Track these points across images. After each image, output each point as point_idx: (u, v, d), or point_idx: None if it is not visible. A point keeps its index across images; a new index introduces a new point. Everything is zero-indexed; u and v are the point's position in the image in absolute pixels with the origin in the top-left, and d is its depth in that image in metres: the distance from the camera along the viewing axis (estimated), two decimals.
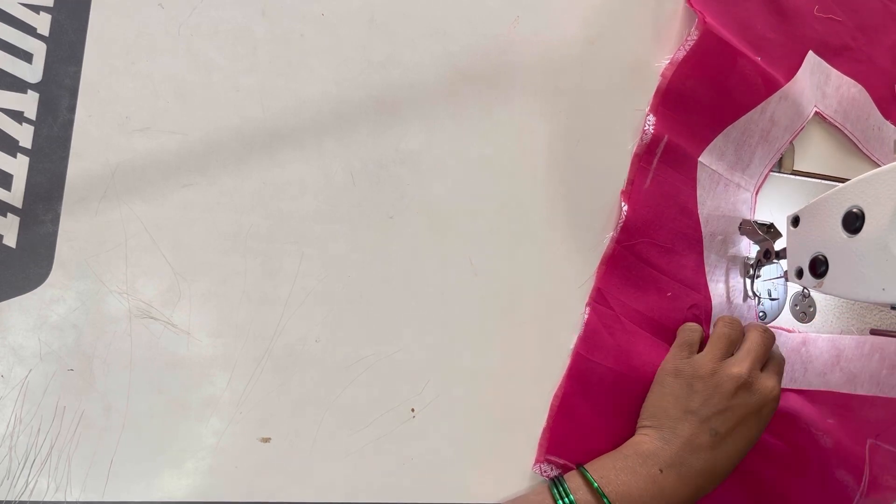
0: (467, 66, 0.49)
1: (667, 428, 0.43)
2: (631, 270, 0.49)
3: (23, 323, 0.41)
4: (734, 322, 0.47)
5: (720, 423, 0.42)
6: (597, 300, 0.48)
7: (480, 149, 0.49)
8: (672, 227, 0.49)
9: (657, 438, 0.43)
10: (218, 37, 0.46)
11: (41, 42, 0.43)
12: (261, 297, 0.44)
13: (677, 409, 0.43)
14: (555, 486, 0.42)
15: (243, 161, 0.45)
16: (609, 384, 0.47)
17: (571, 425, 0.46)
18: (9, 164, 0.42)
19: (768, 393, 0.44)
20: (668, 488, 0.41)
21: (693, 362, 0.45)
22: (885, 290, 0.37)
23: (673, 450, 0.42)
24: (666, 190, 0.50)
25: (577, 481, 0.42)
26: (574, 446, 0.46)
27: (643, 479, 0.41)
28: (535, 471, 0.46)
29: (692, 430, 0.42)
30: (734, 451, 0.43)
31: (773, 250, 0.50)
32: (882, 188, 0.37)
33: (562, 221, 0.49)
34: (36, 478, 0.40)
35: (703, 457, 0.42)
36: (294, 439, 0.43)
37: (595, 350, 0.47)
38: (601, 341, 0.47)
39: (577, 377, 0.47)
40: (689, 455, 0.42)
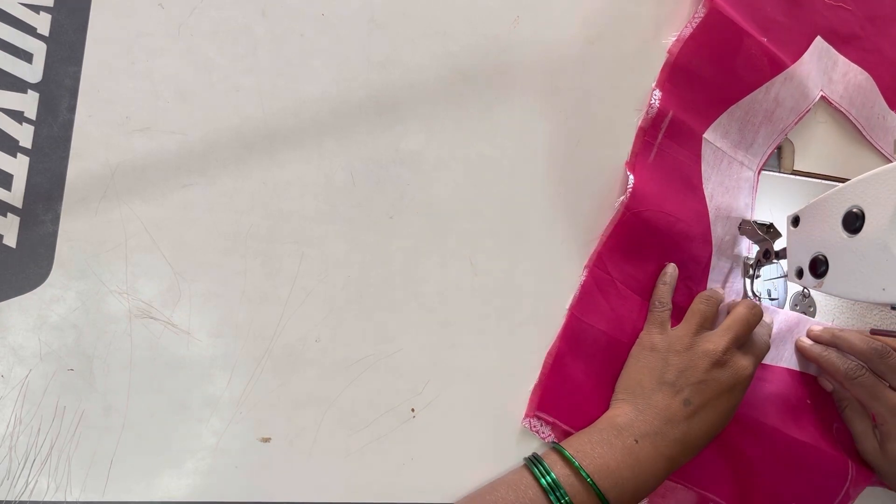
0: (467, 66, 0.49)
1: (641, 400, 0.44)
2: (636, 238, 0.49)
3: (23, 323, 0.41)
4: (711, 299, 0.48)
5: (693, 394, 0.43)
6: (596, 264, 0.48)
7: (480, 149, 0.49)
8: (677, 200, 0.49)
9: (632, 410, 0.44)
10: (218, 37, 0.46)
11: (41, 42, 0.43)
12: (261, 297, 0.44)
13: (652, 381, 0.44)
14: (533, 464, 0.42)
15: (243, 161, 0.45)
16: (601, 347, 0.47)
17: (562, 384, 0.46)
18: (9, 164, 0.42)
19: (741, 371, 0.44)
20: (643, 458, 0.42)
21: (668, 337, 0.46)
22: (886, 290, 0.37)
23: (647, 420, 0.43)
24: (670, 164, 0.50)
25: (553, 458, 0.42)
26: (564, 404, 0.46)
27: (619, 451, 0.42)
28: (524, 425, 0.46)
29: (666, 401, 0.43)
30: (708, 423, 0.44)
31: (773, 250, 0.50)
32: (882, 188, 0.37)
33: (562, 221, 0.49)
34: (36, 478, 0.40)
35: (677, 426, 0.43)
36: (294, 439, 0.43)
37: (589, 312, 0.48)
38: (596, 304, 0.48)
39: (571, 337, 0.47)
40: (663, 424, 0.43)
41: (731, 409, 0.45)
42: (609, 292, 0.48)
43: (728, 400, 0.44)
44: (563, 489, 0.40)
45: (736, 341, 0.45)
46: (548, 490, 0.40)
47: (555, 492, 0.39)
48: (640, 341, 0.47)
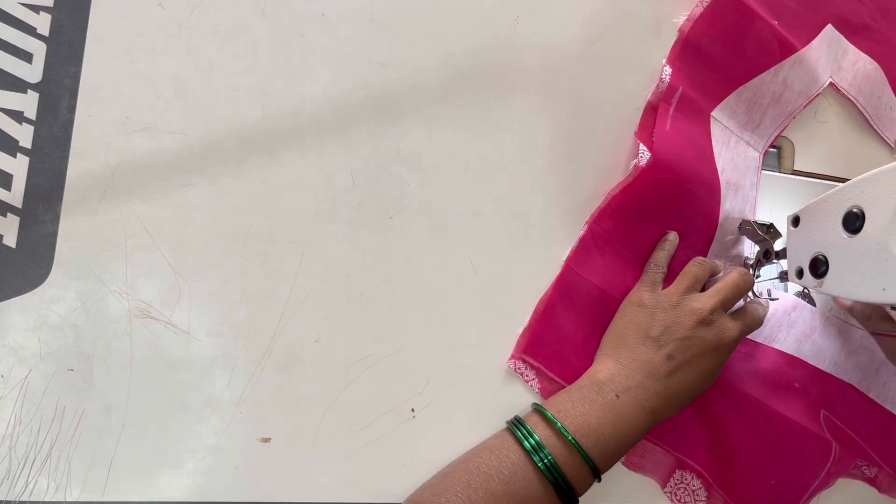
0: (467, 66, 0.49)
1: (625, 353, 0.44)
2: (643, 203, 0.49)
3: (23, 323, 0.41)
4: (704, 263, 0.48)
5: (677, 350, 0.43)
6: (597, 221, 0.49)
7: (480, 149, 0.49)
8: (691, 171, 0.49)
9: (614, 365, 0.44)
10: (218, 37, 0.46)
11: (41, 42, 0.43)
12: (261, 297, 0.44)
13: (637, 336, 0.44)
14: (515, 427, 0.41)
15: (243, 161, 0.45)
16: (592, 300, 0.48)
17: (550, 331, 0.47)
18: (9, 164, 0.42)
19: (726, 333, 0.44)
20: (625, 413, 0.42)
21: (657, 295, 0.46)
22: (886, 290, 0.37)
23: (629, 373, 0.43)
24: (684, 135, 0.50)
25: (534, 419, 0.42)
26: (549, 351, 0.47)
27: (600, 407, 0.41)
28: (508, 365, 0.47)
29: (649, 355, 0.43)
30: (689, 379, 0.44)
31: (773, 250, 0.50)
32: (882, 188, 0.37)
33: (561, 221, 0.49)
34: (36, 478, 0.40)
35: (658, 381, 0.43)
36: (294, 439, 0.43)
37: (584, 265, 0.48)
38: (591, 259, 0.48)
39: (563, 287, 0.48)
40: (644, 378, 0.43)
41: (713, 370, 0.45)
42: (606, 250, 0.48)
43: (710, 359, 0.44)
44: (546, 450, 0.39)
45: (724, 304, 0.45)
46: (531, 451, 0.39)
47: (538, 453, 0.39)
48: (629, 298, 0.47)
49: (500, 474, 0.39)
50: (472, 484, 0.38)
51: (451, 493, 0.38)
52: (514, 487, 0.38)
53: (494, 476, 0.39)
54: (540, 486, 0.39)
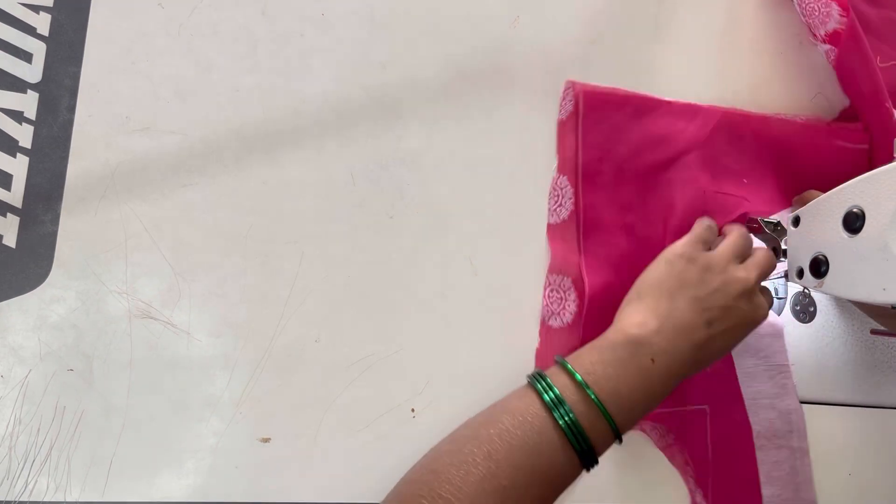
0: (467, 66, 0.49)
1: (664, 307, 0.41)
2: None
3: (23, 323, 0.41)
4: (748, 236, 0.46)
5: (717, 317, 0.41)
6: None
7: (480, 149, 0.49)
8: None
9: (652, 319, 0.40)
10: (218, 37, 0.46)
11: (41, 42, 0.43)
12: (261, 297, 0.44)
13: (681, 292, 0.41)
14: (536, 380, 0.38)
15: (243, 161, 0.45)
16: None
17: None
18: (9, 164, 0.42)
19: (760, 311, 0.43)
20: (656, 381, 0.39)
21: (709, 255, 0.43)
22: (886, 290, 0.37)
23: (668, 335, 0.40)
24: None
25: (561, 379, 0.38)
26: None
27: (633, 373, 0.38)
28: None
29: (691, 316, 0.40)
30: (717, 350, 0.42)
31: (780, 248, 0.50)
32: (882, 188, 0.37)
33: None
34: (36, 478, 0.40)
35: (694, 348, 0.40)
36: (294, 439, 0.43)
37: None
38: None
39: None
40: (683, 342, 0.40)
41: (734, 344, 0.43)
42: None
43: (739, 333, 0.42)
44: (566, 405, 0.36)
45: (761, 279, 0.44)
46: (551, 406, 0.36)
47: (558, 408, 0.36)
48: (673, 249, 0.43)
49: (525, 446, 0.35)
50: (494, 456, 0.35)
51: (471, 465, 0.34)
52: (538, 460, 0.35)
53: (518, 448, 0.35)
54: (562, 455, 0.36)
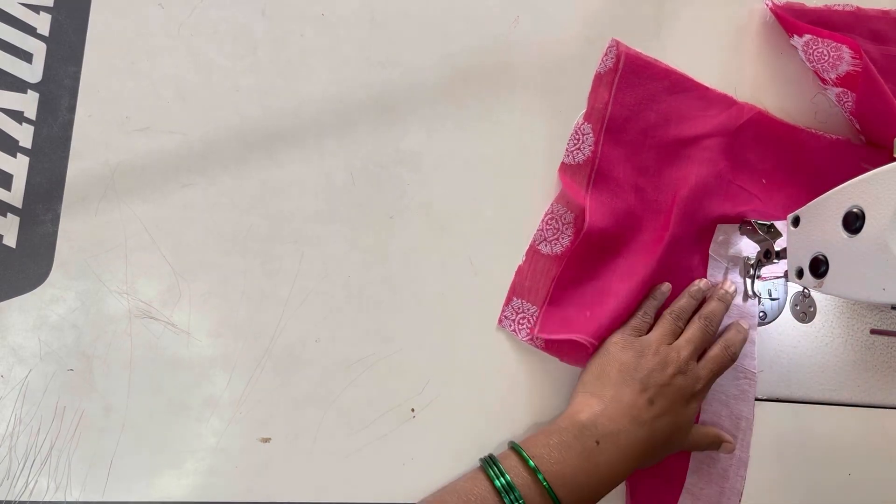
0: (467, 66, 0.49)
1: (608, 392, 0.43)
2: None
3: (23, 323, 0.41)
4: (683, 315, 0.48)
5: (658, 395, 0.43)
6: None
7: (480, 149, 0.49)
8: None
9: (597, 404, 0.43)
10: (218, 37, 0.46)
11: (41, 42, 0.43)
12: (261, 297, 0.44)
13: (620, 375, 0.44)
14: (488, 466, 0.40)
15: (243, 161, 0.45)
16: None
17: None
18: (9, 164, 0.42)
19: (698, 383, 0.45)
20: (603, 463, 0.41)
21: (641, 340, 0.46)
22: (886, 290, 0.37)
23: (612, 416, 0.42)
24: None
25: (511, 461, 0.41)
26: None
27: (577, 455, 0.41)
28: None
29: (633, 396, 0.43)
30: (669, 428, 0.44)
31: (773, 250, 0.50)
32: (882, 188, 0.37)
33: None
34: (36, 478, 0.40)
35: (641, 427, 0.42)
36: (294, 439, 0.43)
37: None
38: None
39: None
40: (628, 423, 0.42)
41: (688, 421, 0.45)
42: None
43: (685, 409, 0.45)
44: (517, 492, 0.39)
45: (696, 352, 0.46)
46: (502, 492, 0.39)
47: (508, 494, 0.39)
48: (611, 339, 0.46)
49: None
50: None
51: None
52: None
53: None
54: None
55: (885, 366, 0.55)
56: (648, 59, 0.50)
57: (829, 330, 0.55)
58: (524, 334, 0.47)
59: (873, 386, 0.55)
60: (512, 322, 0.47)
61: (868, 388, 0.55)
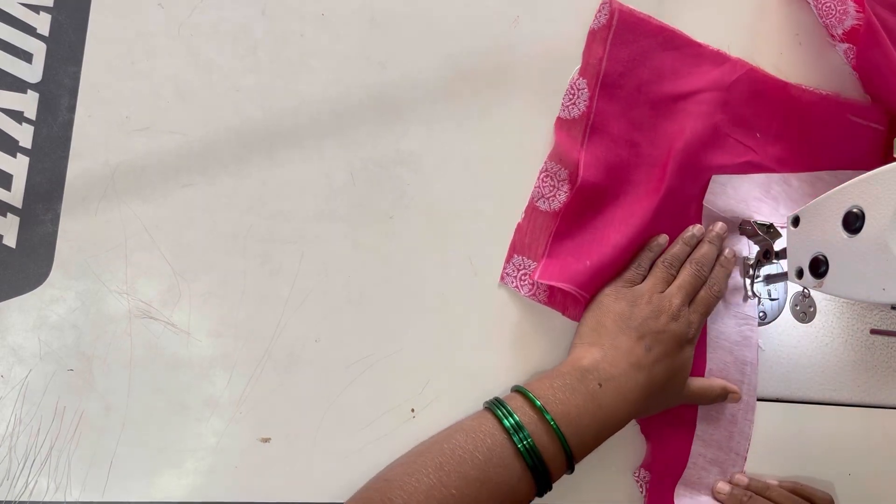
0: (467, 66, 0.49)
1: (606, 341, 0.44)
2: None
3: (23, 323, 0.41)
4: (675, 262, 0.48)
5: (654, 342, 0.44)
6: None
7: (480, 149, 0.49)
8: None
9: (597, 352, 0.44)
10: (218, 37, 0.46)
11: (41, 42, 0.43)
12: (261, 297, 0.44)
13: (616, 325, 0.45)
14: (496, 407, 0.41)
15: (243, 161, 0.45)
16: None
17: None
18: (9, 164, 0.42)
19: (691, 327, 0.46)
20: (606, 404, 0.42)
21: (633, 290, 0.47)
22: (886, 290, 0.37)
23: (613, 361, 0.43)
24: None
25: (517, 402, 0.41)
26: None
27: (581, 396, 0.41)
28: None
29: (630, 344, 0.44)
30: (667, 373, 0.45)
31: (773, 250, 0.50)
32: (882, 188, 0.37)
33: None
34: (36, 478, 0.40)
35: (641, 371, 0.43)
36: (294, 439, 0.43)
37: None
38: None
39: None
40: (628, 367, 0.43)
41: (684, 364, 0.46)
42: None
43: (681, 353, 0.46)
44: (526, 431, 0.39)
45: (687, 298, 0.47)
46: (511, 431, 0.39)
47: (518, 433, 0.39)
48: (604, 291, 0.47)
49: (474, 458, 0.38)
50: (445, 467, 0.38)
51: (423, 474, 0.37)
52: (487, 473, 0.38)
53: (468, 460, 0.38)
54: (514, 473, 0.39)
55: (885, 366, 0.56)
56: (642, 16, 0.51)
57: (829, 330, 0.55)
58: (526, 290, 0.48)
59: (873, 386, 0.55)
60: (514, 279, 0.48)
61: (868, 388, 0.55)
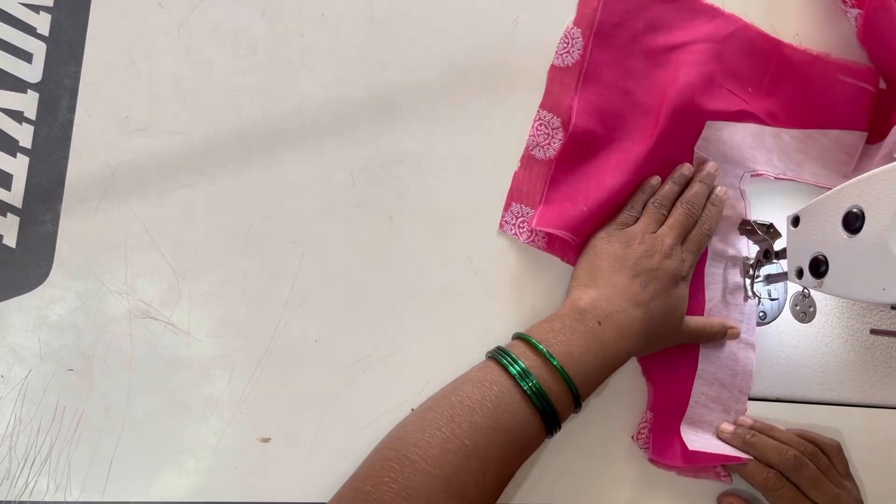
0: (467, 66, 0.49)
1: (602, 281, 0.45)
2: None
3: (23, 323, 0.41)
4: (666, 202, 0.49)
5: (649, 279, 0.45)
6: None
7: (480, 149, 0.49)
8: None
9: (594, 292, 0.45)
10: (218, 37, 0.46)
11: (41, 42, 0.43)
12: (261, 297, 0.44)
13: (611, 266, 0.46)
14: (500, 356, 0.41)
15: (243, 161, 0.45)
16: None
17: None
18: (9, 164, 0.42)
19: (685, 264, 0.47)
20: (606, 341, 0.42)
21: (626, 231, 0.47)
22: (885, 289, 0.37)
23: (610, 298, 0.44)
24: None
25: (519, 348, 0.42)
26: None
27: (582, 336, 0.42)
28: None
29: (626, 282, 0.45)
30: (665, 308, 0.45)
31: (773, 250, 0.50)
32: (882, 188, 0.37)
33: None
34: (36, 478, 0.40)
35: (638, 306, 0.44)
36: (294, 439, 0.43)
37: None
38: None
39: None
40: (625, 304, 0.44)
41: (680, 300, 0.47)
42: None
43: (676, 290, 0.46)
44: (532, 376, 0.40)
45: (679, 236, 0.47)
46: (517, 377, 0.39)
47: (524, 379, 0.39)
48: (598, 235, 0.48)
49: (483, 407, 0.38)
50: (456, 419, 0.38)
51: (435, 428, 0.38)
52: (497, 420, 0.38)
53: (478, 409, 0.38)
54: (524, 417, 0.39)
55: (885, 366, 0.56)
56: None
57: (829, 330, 0.55)
58: (525, 237, 0.48)
59: (873, 386, 0.55)
60: (513, 227, 0.48)
61: (868, 388, 0.55)
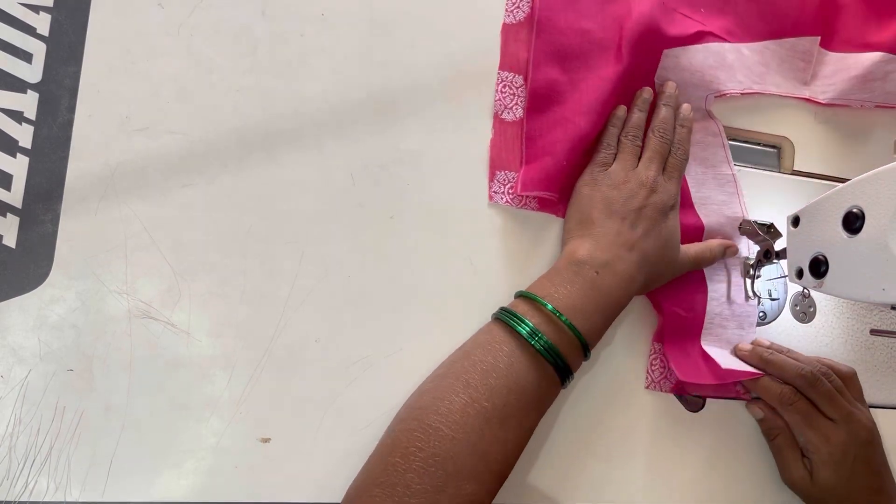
0: (467, 66, 0.49)
1: (594, 230, 0.46)
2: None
3: (23, 323, 0.41)
4: (638, 132, 0.49)
5: (638, 218, 0.46)
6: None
7: (480, 149, 0.49)
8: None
9: (588, 241, 0.45)
10: (218, 37, 0.46)
11: (41, 42, 0.43)
12: (261, 297, 0.44)
13: (600, 213, 0.46)
14: (506, 317, 0.42)
15: (243, 161, 0.45)
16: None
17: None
18: (9, 164, 0.42)
19: (669, 194, 0.47)
20: (606, 288, 0.43)
21: (608, 173, 0.48)
22: (885, 290, 0.37)
23: (604, 247, 0.45)
24: None
25: (523, 307, 0.42)
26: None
27: (582, 286, 0.43)
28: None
29: (617, 226, 0.45)
30: (658, 243, 0.46)
31: (773, 250, 0.50)
32: (882, 188, 0.37)
33: (560, 221, 0.49)
34: (36, 478, 0.40)
35: (632, 249, 0.45)
36: (294, 439, 0.43)
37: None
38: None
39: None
40: (619, 248, 0.45)
41: (672, 232, 0.47)
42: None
43: (666, 222, 0.47)
44: (540, 333, 0.40)
45: (659, 167, 0.48)
46: (527, 337, 0.40)
47: (534, 337, 0.40)
48: (582, 180, 0.48)
49: (497, 369, 0.39)
50: (472, 383, 0.39)
51: (453, 394, 0.38)
52: (512, 379, 0.39)
53: (492, 372, 0.39)
54: (537, 373, 0.40)
55: (885, 366, 0.56)
56: None
57: (829, 330, 0.55)
58: (516, 202, 0.49)
59: (873, 386, 0.55)
60: (502, 195, 0.48)
61: (868, 388, 0.55)
